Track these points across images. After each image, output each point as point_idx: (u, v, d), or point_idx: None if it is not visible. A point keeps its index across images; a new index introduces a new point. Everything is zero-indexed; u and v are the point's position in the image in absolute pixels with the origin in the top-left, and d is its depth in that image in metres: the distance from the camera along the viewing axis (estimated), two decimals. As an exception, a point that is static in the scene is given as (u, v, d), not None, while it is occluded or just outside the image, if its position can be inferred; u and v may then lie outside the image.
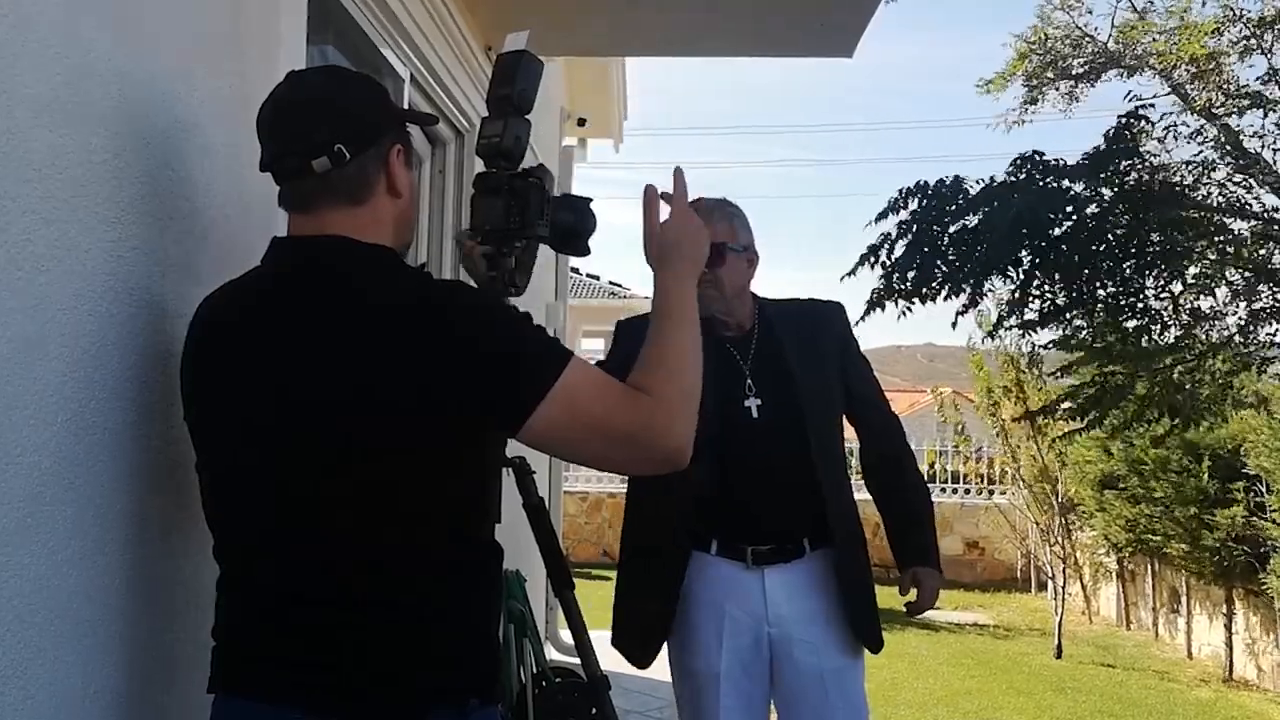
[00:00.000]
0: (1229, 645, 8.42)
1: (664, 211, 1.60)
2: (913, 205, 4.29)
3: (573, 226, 1.95)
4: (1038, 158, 4.43)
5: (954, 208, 4.25)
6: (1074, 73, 6.35)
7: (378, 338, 1.33)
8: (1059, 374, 5.27)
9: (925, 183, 4.34)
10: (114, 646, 1.46)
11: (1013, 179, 4.39)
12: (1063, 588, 9.62)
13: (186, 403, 1.45)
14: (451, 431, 1.33)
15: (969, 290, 4.25)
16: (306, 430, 1.33)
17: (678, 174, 1.63)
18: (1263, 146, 5.07)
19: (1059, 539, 9.96)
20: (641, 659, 2.48)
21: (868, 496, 2.67)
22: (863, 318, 4.56)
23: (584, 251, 2.01)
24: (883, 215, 4.53)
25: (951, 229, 4.19)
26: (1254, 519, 7.62)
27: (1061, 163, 4.45)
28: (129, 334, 1.48)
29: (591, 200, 1.98)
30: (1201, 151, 4.90)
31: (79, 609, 1.38)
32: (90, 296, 1.39)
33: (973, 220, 4.31)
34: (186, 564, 1.59)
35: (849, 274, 4.61)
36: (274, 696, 1.34)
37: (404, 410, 1.30)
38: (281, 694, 1.33)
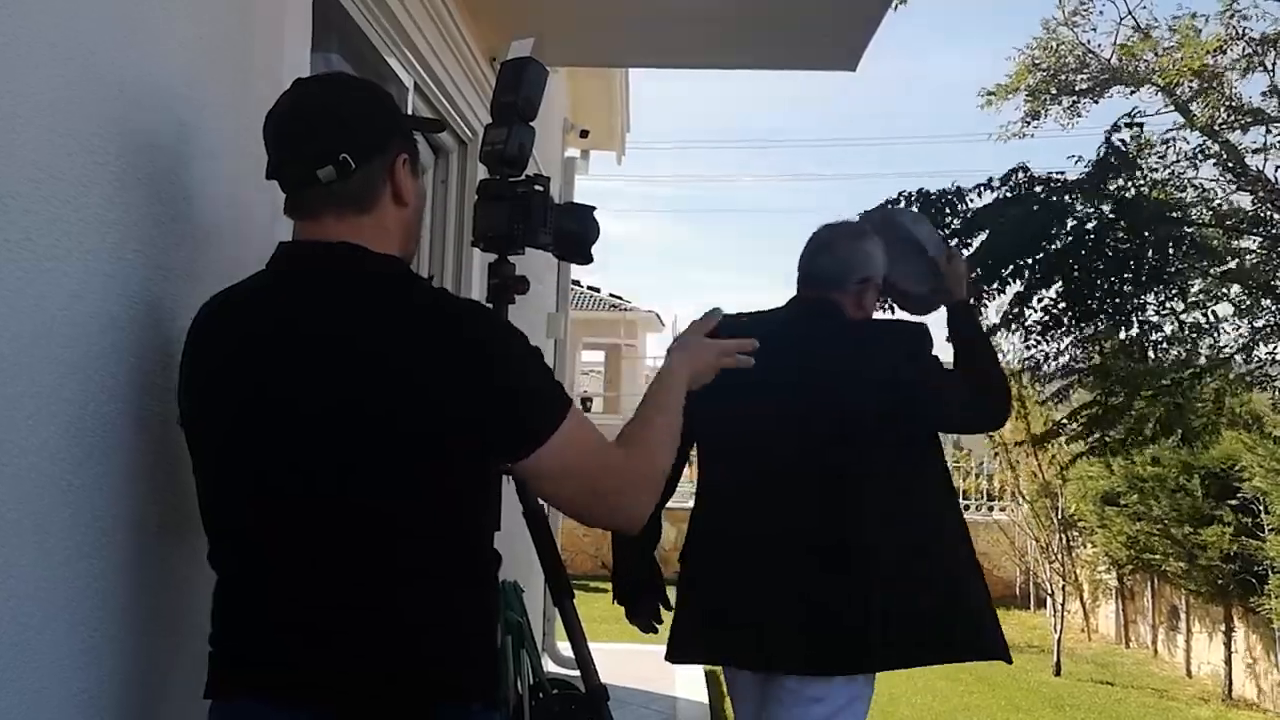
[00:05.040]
0: (1228, 664, 8.39)
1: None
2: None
3: (575, 234, 1.96)
4: (1025, 171, 4.43)
5: (954, 219, 4.25)
6: (1077, 88, 6.36)
7: (384, 342, 1.33)
8: (1057, 397, 5.27)
9: (925, 190, 4.33)
10: (109, 649, 1.45)
11: (1010, 193, 4.39)
12: (1062, 605, 9.59)
13: (183, 406, 1.45)
14: (450, 437, 1.32)
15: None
16: (308, 433, 1.32)
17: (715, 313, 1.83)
18: (1264, 163, 5.08)
19: (1059, 556, 9.94)
20: None
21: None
22: None
23: (587, 259, 2.02)
24: None
25: (952, 242, 4.19)
26: (1246, 539, 7.61)
27: (1062, 175, 4.45)
28: (129, 336, 1.47)
29: (594, 208, 1.98)
30: (1194, 164, 4.91)
31: (74, 610, 1.37)
32: (90, 297, 1.38)
33: (974, 239, 4.31)
34: (183, 568, 1.58)
35: None
36: (274, 699, 1.33)
37: (406, 414, 1.30)
38: (282, 696, 1.32)
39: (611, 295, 20.91)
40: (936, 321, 2.70)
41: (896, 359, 2.38)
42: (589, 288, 20.16)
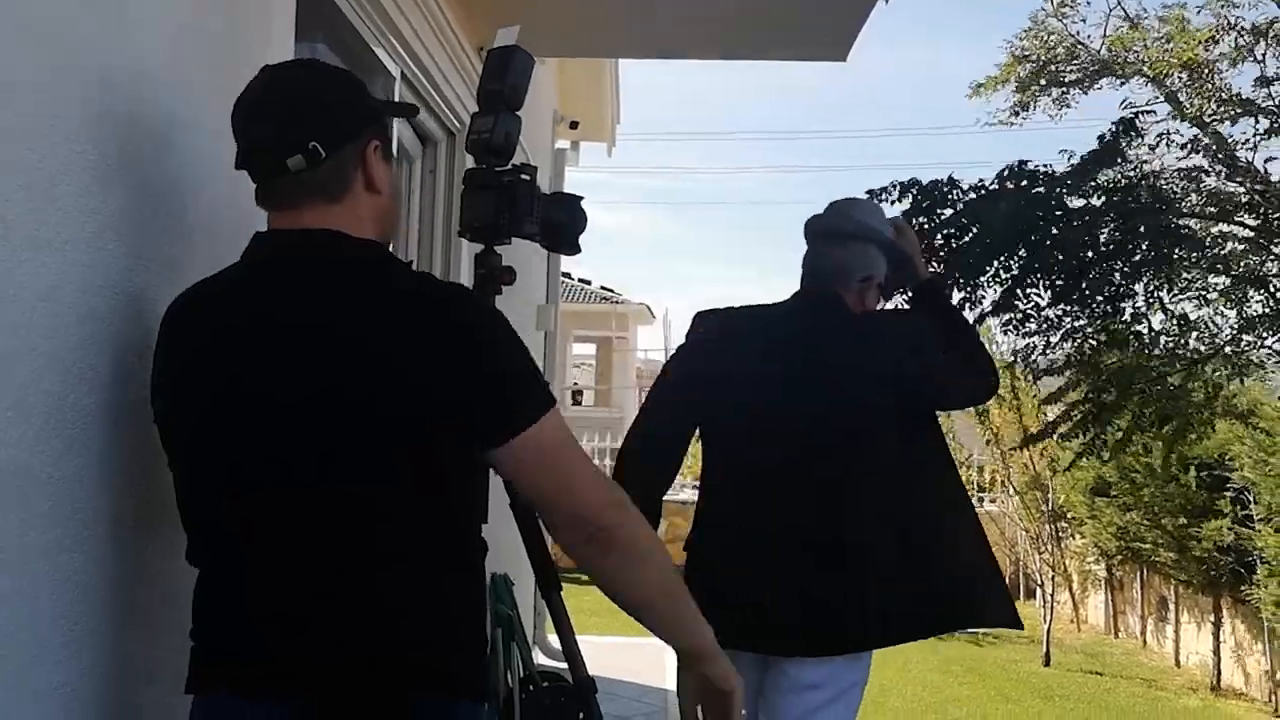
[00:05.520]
0: (1216, 653, 8.43)
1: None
2: (905, 203, 4.26)
3: (563, 224, 1.95)
4: (1023, 166, 4.42)
5: (947, 209, 4.23)
6: (1066, 80, 6.36)
7: (363, 327, 1.31)
8: (1053, 400, 5.26)
9: (917, 180, 4.32)
10: (89, 642, 1.43)
11: (1006, 183, 4.38)
12: (1051, 595, 9.62)
13: (157, 401, 1.43)
14: (436, 421, 1.31)
15: (962, 293, 4.24)
16: (285, 423, 1.31)
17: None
18: (1253, 154, 5.08)
19: (1048, 546, 9.97)
20: None
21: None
22: None
23: (574, 249, 2.01)
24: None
25: (944, 231, 4.17)
26: (1239, 529, 7.63)
27: (1050, 169, 4.45)
28: (109, 328, 1.46)
29: (582, 198, 1.97)
30: (1188, 157, 4.90)
31: (55, 604, 1.36)
32: (69, 289, 1.37)
33: (966, 233, 4.30)
34: (158, 562, 1.56)
35: None
36: (255, 693, 1.31)
37: (386, 399, 1.29)
38: (259, 689, 1.31)
39: (603, 288, 20.87)
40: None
41: (900, 353, 2.37)
42: (580, 280, 20.14)
